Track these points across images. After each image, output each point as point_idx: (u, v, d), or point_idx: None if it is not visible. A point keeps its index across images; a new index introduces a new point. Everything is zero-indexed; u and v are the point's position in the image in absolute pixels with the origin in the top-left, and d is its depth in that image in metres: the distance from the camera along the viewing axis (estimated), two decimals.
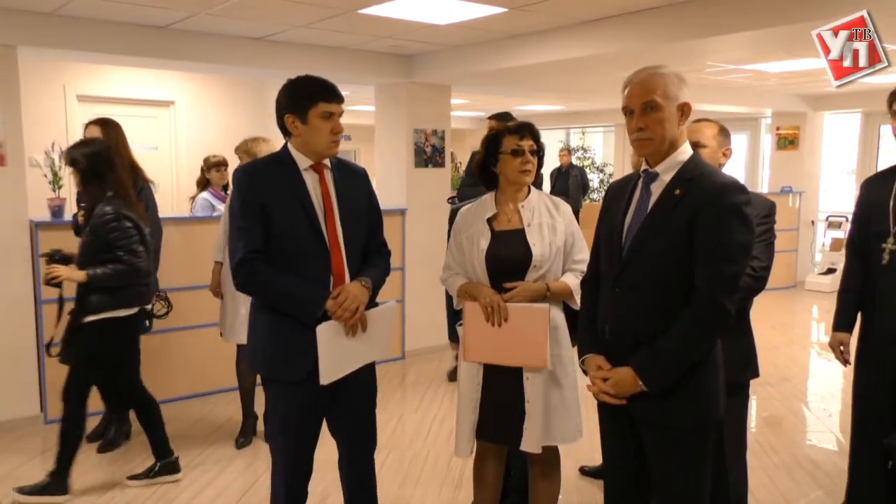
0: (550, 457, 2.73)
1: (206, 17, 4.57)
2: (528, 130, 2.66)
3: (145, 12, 4.43)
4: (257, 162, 2.62)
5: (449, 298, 3.09)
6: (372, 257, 2.62)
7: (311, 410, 2.53)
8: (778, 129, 9.93)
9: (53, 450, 3.48)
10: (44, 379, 4.53)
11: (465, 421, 2.69)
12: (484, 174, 2.74)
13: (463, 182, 5.46)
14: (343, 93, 2.52)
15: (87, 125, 3.91)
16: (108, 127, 3.90)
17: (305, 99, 2.42)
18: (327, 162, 2.54)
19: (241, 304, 4.07)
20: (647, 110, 2.09)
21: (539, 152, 2.68)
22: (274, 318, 2.46)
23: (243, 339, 4.09)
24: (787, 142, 9.85)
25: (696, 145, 2.71)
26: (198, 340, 4.97)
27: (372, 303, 2.57)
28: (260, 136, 4.21)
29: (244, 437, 4.27)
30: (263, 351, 2.52)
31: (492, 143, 2.68)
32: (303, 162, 2.48)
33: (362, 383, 2.64)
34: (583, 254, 2.68)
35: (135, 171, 3.96)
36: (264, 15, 4.53)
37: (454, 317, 3.14)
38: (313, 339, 2.39)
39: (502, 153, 2.65)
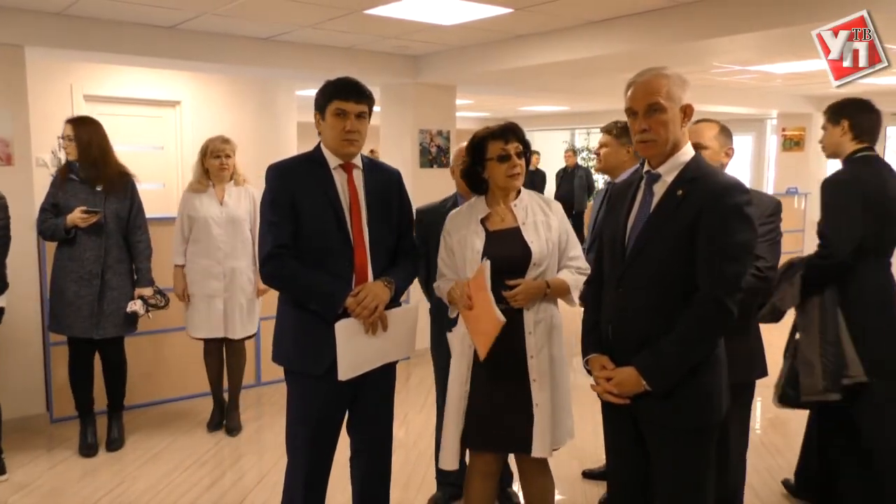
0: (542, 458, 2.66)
1: (212, 18, 4.59)
2: (512, 133, 2.57)
3: (152, 12, 4.45)
4: (289, 160, 2.67)
5: (437, 310, 3.08)
6: (400, 258, 2.66)
7: (331, 405, 2.56)
8: (784, 130, 9.91)
9: (60, 447, 3.50)
10: (49, 377, 4.55)
11: (454, 430, 2.59)
12: (472, 181, 2.65)
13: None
14: None
15: (65, 123, 3.95)
16: (80, 125, 3.92)
17: (324, 97, 2.51)
18: (358, 162, 2.59)
19: (216, 300, 4.23)
20: (650, 112, 2.10)
21: (526, 153, 2.61)
22: (297, 312, 2.52)
23: (201, 333, 4.28)
24: (792, 143, 9.83)
25: (697, 146, 2.74)
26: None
27: (395, 303, 2.60)
28: (217, 136, 4.31)
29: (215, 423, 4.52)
30: (286, 343, 2.59)
31: (477, 149, 2.60)
32: (332, 161, 2.55)
33: (383, 382, 2.67)
34: (576, 250, 2.65)
35: (118, 166, 3.98)
36: (271, 15, 4.54)
37: (439, 327, 3.11)
38: (334, 335, 2.42)
39: (489, 160, 2.56)
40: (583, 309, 2.48)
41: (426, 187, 6.04)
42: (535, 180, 11.15)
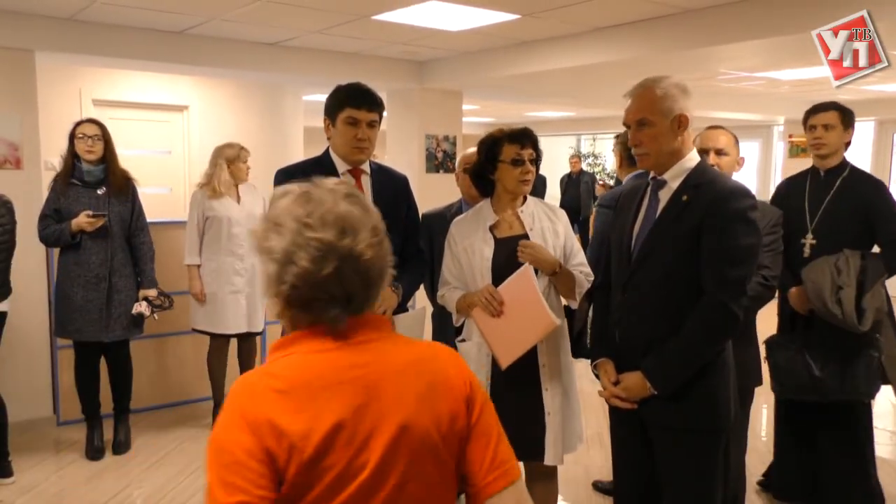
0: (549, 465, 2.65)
1: (221, 23, 4.61)
2: (528, 139, 2.54)
3: (161, 17, 4.48)
4: (297, 164, 2.68)
5: (439, 315, 3.01)
6: (407, 263, 2.65)
7: None
8: (791, 136, 9.89)
9: (66, 450, 3.51)
10: (57, 380, 4.56)
11: None
12: (480, 181, 2.62)
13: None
14: None
15: (83, 123, 3.95)
16: (102, 126, 3.97)
17: (336, 104, 2.51)
18: (366, 167, 2.60)
19: (240, 296, 4.34)
20: (639, 127, 2.14)
21: (537, 160, 2.59)
22: None
23: (227, 329, 4.35)
24: (799, 149, 9.80)
25: (718, 152, 2.76)
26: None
27: (403, 308, 2.60)
28: (236, 143, 4.44)
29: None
30: None
31: (490, 150, 2.56)
32: (341, 166, 2.56)
33: None
34: (580, 257, 2.62)
35: (123, 170, 4.01)
36: (278, 21, 4.57)
37: (441, 333, 3.09)
38: None
39: (501, 162, 2.53)
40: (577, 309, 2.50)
41: (432, 192, 6.05)
42: (536, 185, 11.07)
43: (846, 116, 3.18)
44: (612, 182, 11.74)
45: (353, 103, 2.47)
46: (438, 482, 1.21)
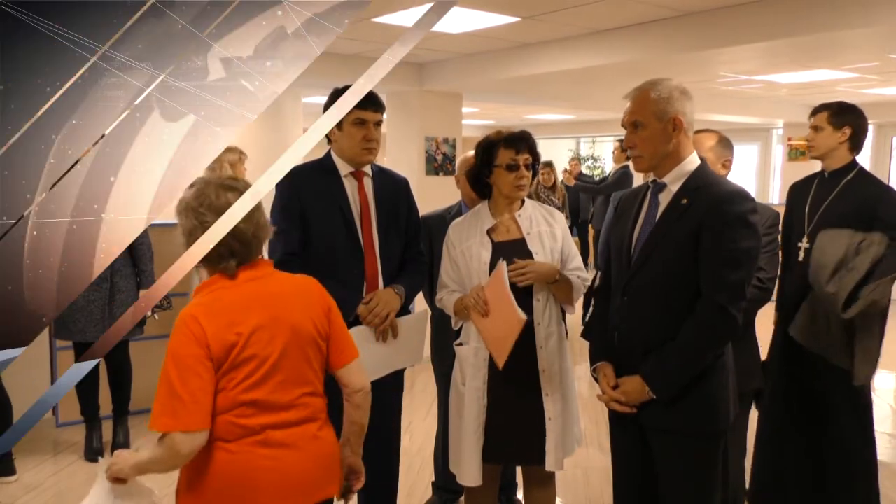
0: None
1: None
2: (524, 143, 2.50)
3: None
4: (299, 167, 2.67)
5: (439, 318, 3.00)
6: (408, 265, 2.66)
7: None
8: (789, 139, 9.91)
9: (66, 451, 3.51)
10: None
11: (473, 445, 2.52)
12: (477, 185, 2.61)
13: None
14: None
15: None
16: None
17: None
18: (368, 170, 2.60)
19: None
20: (633, 129, 2.14)
21: (535, 164, 2.56)
22: None
23: None
24: (798, 152, 9.83)
25: None
26: None
27: (405, 310, 2.60)
28: (234, 146, 4.47)
29: None
30: None
31: (486, 154, 2.54)
32: (343, 168, 2.56)
33: (391, 389, 2.67)
34: (577, 261, 2.60)
35: None
36: None
37: (441, 336, 3.08)
38: None
39: (497, 166, 2.50)
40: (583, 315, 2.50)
41: (432, 195, 6.05)
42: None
43: (836, 116, 3.01)
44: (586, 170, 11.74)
45: (360, 105, 2.47)
46: (317, 362, 1.91)
